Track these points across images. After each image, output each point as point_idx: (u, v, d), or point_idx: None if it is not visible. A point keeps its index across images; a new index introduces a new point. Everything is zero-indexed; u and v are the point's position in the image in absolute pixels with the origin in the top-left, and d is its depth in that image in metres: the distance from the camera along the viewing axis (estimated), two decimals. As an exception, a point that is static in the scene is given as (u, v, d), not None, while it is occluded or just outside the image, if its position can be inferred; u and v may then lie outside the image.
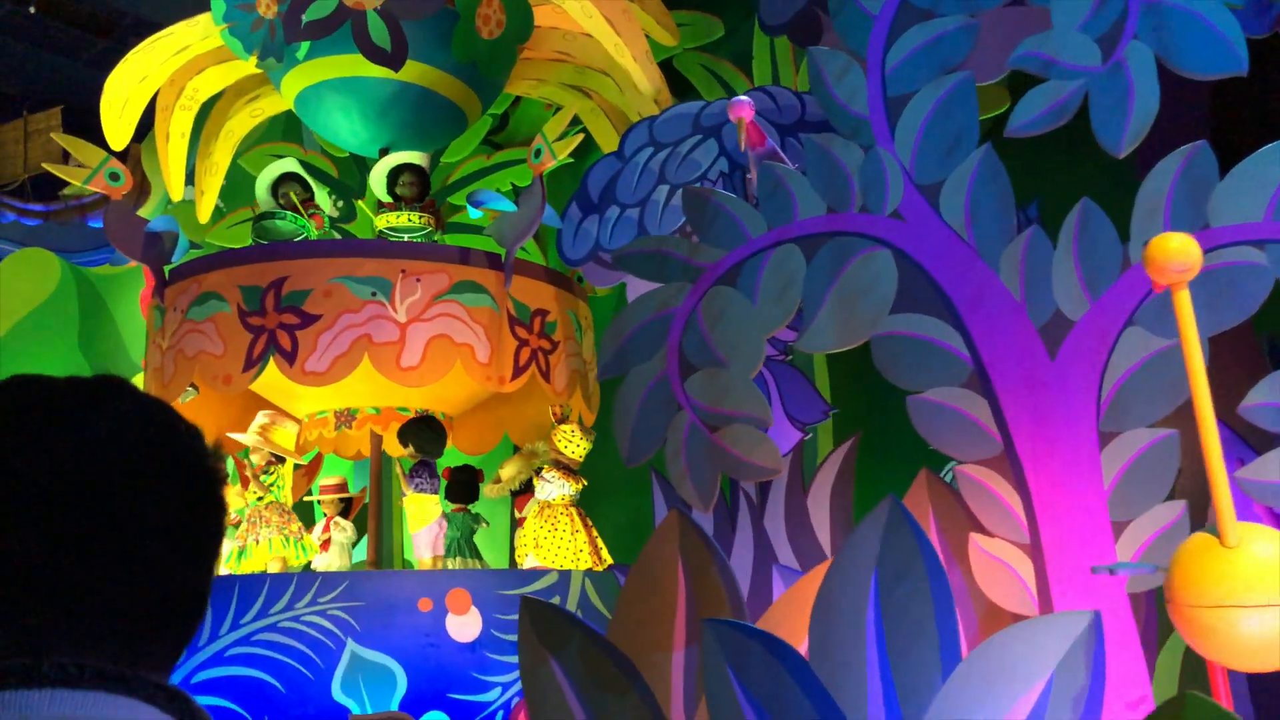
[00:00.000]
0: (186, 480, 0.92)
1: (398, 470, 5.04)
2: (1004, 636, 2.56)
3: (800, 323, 3.29)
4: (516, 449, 6.04)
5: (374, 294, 4.82)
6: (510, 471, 5.88)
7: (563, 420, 5.32)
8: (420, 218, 5.34)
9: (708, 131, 5.33)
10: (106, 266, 10.51)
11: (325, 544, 5.64)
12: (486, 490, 5.85)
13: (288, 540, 4.82)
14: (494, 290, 5.06)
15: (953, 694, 2.49)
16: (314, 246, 4.95)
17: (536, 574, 4.51)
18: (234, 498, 5.06)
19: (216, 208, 10.90)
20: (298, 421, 5.39)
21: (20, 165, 12.51)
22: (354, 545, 5.78)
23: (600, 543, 5.14)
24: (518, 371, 5.09)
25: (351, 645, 4.10)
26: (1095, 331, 2.94)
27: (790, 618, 3.04)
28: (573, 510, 5.17)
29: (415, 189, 5.55)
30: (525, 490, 5.78)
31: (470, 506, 5.55)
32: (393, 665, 4.10)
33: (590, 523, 5.19)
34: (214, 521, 0.94)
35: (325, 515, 5.77)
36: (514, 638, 4.31)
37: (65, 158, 13.09)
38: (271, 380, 5.05)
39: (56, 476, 0.84)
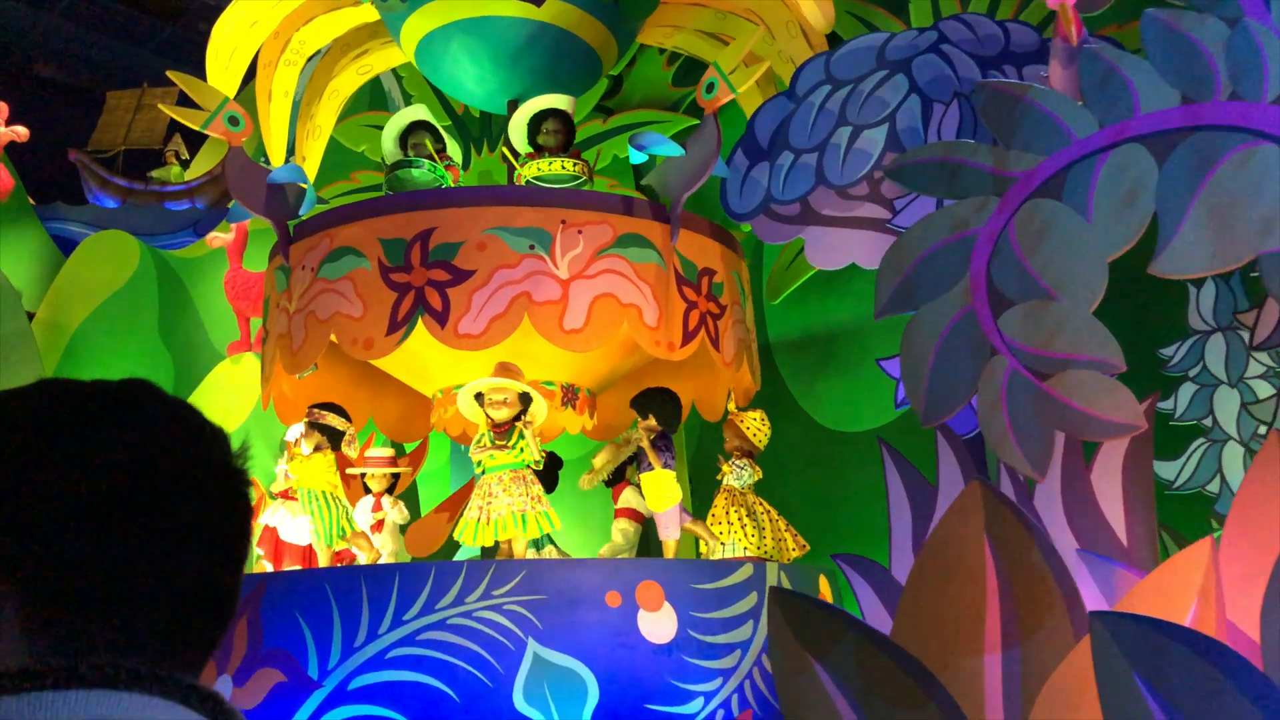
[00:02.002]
0: (214, 481, 0.93)
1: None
2: None
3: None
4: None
5: (532, 247, 4.25)
6: (603, 460, 5.29)
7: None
8: (574, 165, 4.75)
9: (894, 66, 4.69)
10: (187, 249, 10.07)
11: (378, 525, 5.12)
12: (581, 481, 5.30)
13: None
14: (660, 245, 4.47)
15: None
16: (463, 194, 4.39)
17: (730, 565, 3.90)
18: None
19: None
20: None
21: (121, 135, 12.13)
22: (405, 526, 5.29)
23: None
24: (687, 337, 4.49)
25: (533, 646, 3.51)
26: None
27: (1158, 612, 2.40)
28: (759, 499, 4.67)
29: (560, 137, 4.97)
30: (617, 480, 5.27)
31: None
32: (581, 670, 3.51)
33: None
34: (241, 521, 0.95)
35: (374, 492, 5.28)
36: (714, 639, 3.72)
37: (168, 138, 12.77)
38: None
39: (86, 481, 0.85)
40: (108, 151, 12.70)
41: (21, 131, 8.64)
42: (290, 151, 6.69)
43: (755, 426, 4.89)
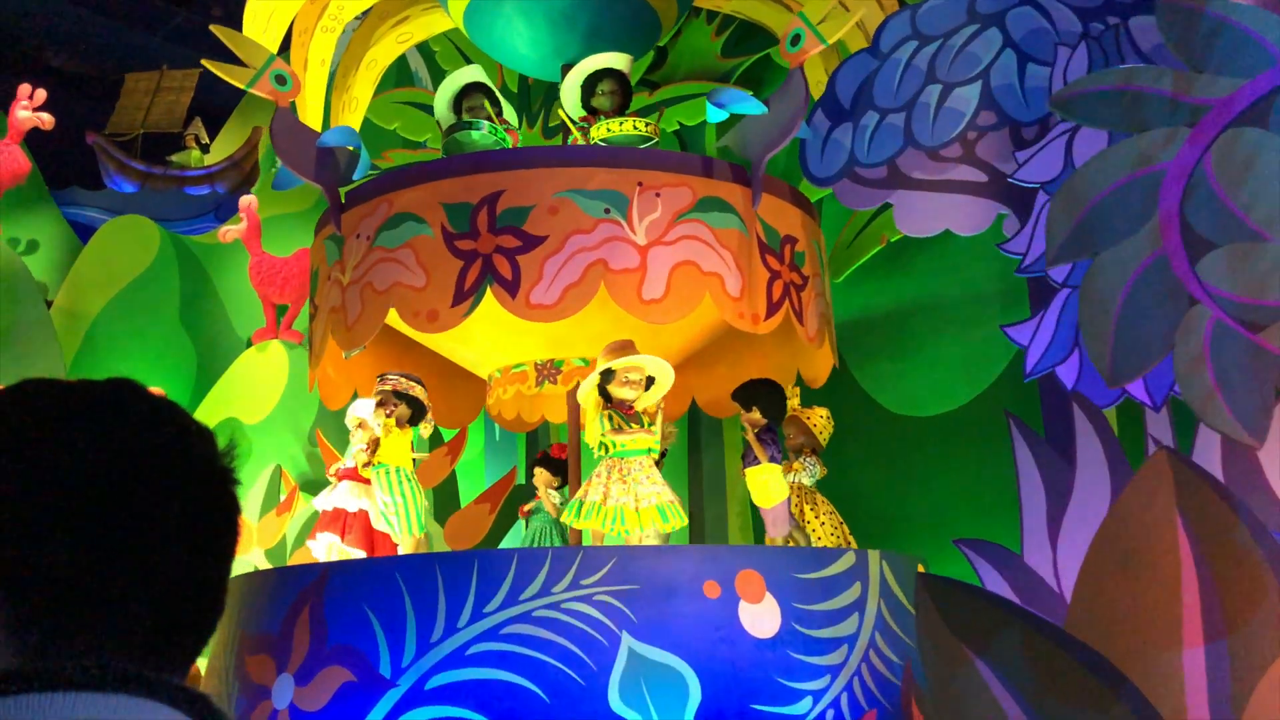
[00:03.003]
0: (200, 481, 0.92)
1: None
2: None
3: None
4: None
5: (607, 211, 3.93)
6: None
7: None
8: (645, 125, 4.44)
9: (987, 20, 4.37)
10: (209, 234, 9.76)
11: None
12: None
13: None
14: (741, 210, 4.15)
15: None
16: (532, 155, 4.07)
17: (831, 554, 3.59)
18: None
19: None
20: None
21: (140, 118, 11.81)
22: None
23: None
24: (771, 309, 4.18)
25: (628, 640, 3.19)
26: None
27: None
28: (821, 495, 4.61)
29: (617, 99, 4.66)
30: None
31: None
32: (681, 666, 3.19)
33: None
34: (228, 520, 0.95)
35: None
36: (820, 633, 3.41)
37: (187, 121, 12.46)
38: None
39: (69, 481, 0.84)
40: (126, 134, 12.39)
41: (47, 118, 8.34)
42: (325, 125, 6.39)
43: (822, 424, 4.74)
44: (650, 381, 3.97)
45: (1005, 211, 4.28)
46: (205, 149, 11.72)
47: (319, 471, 7.86)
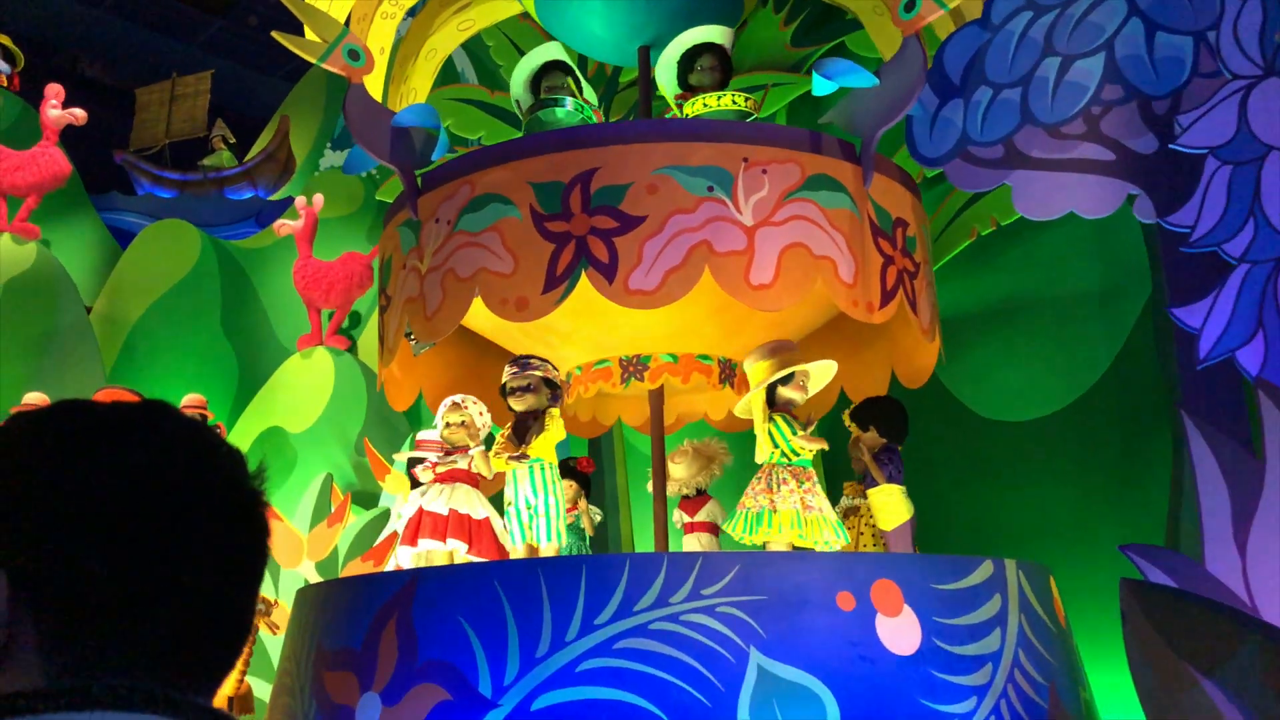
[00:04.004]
0: (229, 503, 0.92)
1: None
2: None
3: None
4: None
5: (711, 189, 3.63)
6: (686, 473, 4.64)
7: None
8: (745, 99, 4.13)
9: (1110, -14, 4.07)
10: (251, 239, 9.53)
11: None
12: (651, 487, 4.68)
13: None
14: (852, 189, 3.84)
15: None
16: (628, 129, 3.77)
17: (969, 562, 3.24)
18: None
19: (369, 175, 9.91)
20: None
21: (162, 130, 11.65)
22: None
23: None
24: (886, 297, 3.85)
25: (756, 657, 2.86)
26: None
27: None
28: None
29: (717, 74, 4.36)
30: (697, 494, 4.70)
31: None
32: (817, 686, 2.85)
33: None
34: (256, 542, 0.95)
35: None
36: (963, 650, 3.06)
37: (210, 124, 12.29)
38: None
39: (101, 502, 0.85)
40: (152, 148, 12.25)
41: (79, 114, 8.15)
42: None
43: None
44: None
45: (1136, 191, 3.95)
46: (234, 148, 11.54)
47: (367, 482, 7.58)
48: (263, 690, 5.83)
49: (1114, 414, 5.22)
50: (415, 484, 4.79)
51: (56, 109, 8.06)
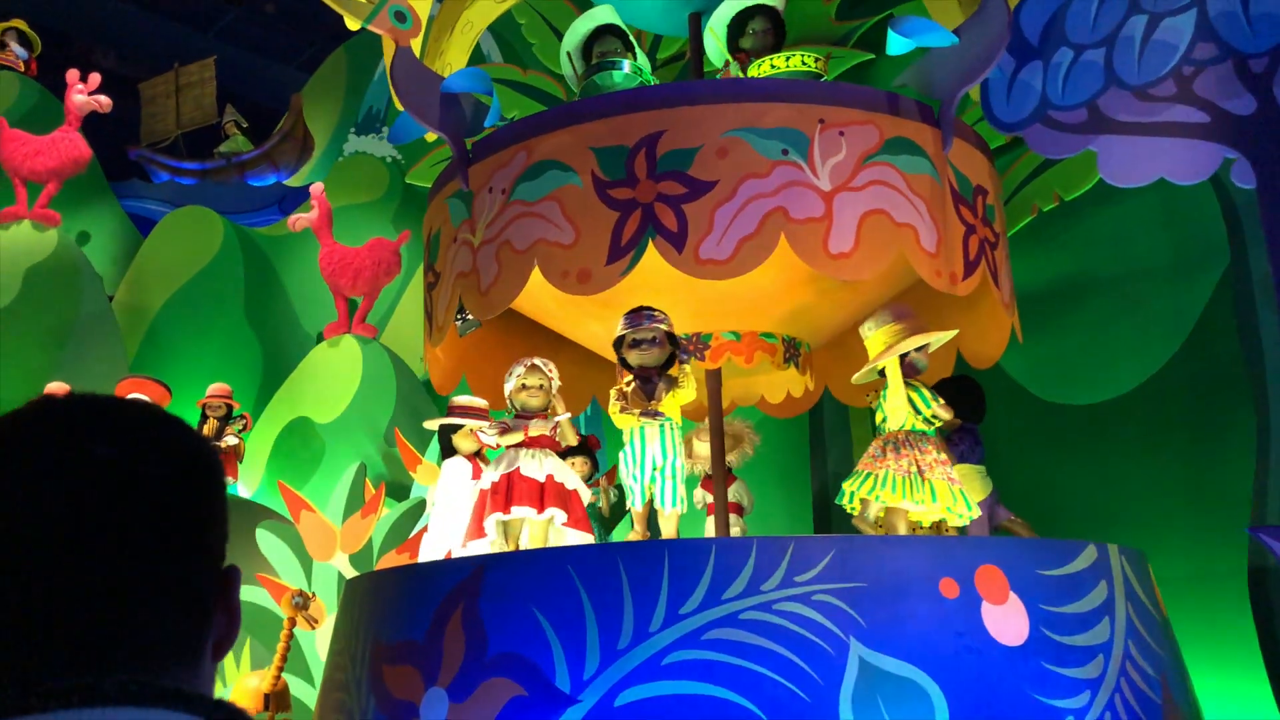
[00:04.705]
0: (206, 492, 0.92)
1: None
2: None
3: None
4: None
5: (785, 152, 3.41)
6: (709, 450, 4.41)
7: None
8: (814, 59, 3.92)
9: (1200, -60, 3.85)
10: (274, 227, 9.34)
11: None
12: (696, 468, 4.47)
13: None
14: (932, 154, 3.62)
15: None
16: (696, 89, 3.55)
17: (1072, 547, 3.02)
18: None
19: (393, 160, 9.71)
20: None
21: (172, 121, 11.46)
22: None
23: None
24: (969, 268, 3.64)
25: (857, 648, 2.65)
26: None
27: None
28: None
29: (770, 38, 4.16)
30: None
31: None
32: (923, 679, 2.64)
33: None
34: (216, 513, 0.95)
35: (465, 454, 4.52)
36: (1073, 640, 2.85)
37: (220, 111, 12.10)
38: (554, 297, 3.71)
39: (86, 498, 0.84)
40: (164, 140, 12.06)
41: (105, 101, 7.96)
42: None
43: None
44: None
45: (1233, 155, 3.73)
46: (247, 132, 11.34)
47: (397, 472, 7.38)
48: (298, 688, 5.64)
49: (1188, 394, 4.99)
50: (449, 452, 4.53)
51: (83, 94, 7.87)
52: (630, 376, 3.58)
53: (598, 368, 4.62)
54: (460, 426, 4.41)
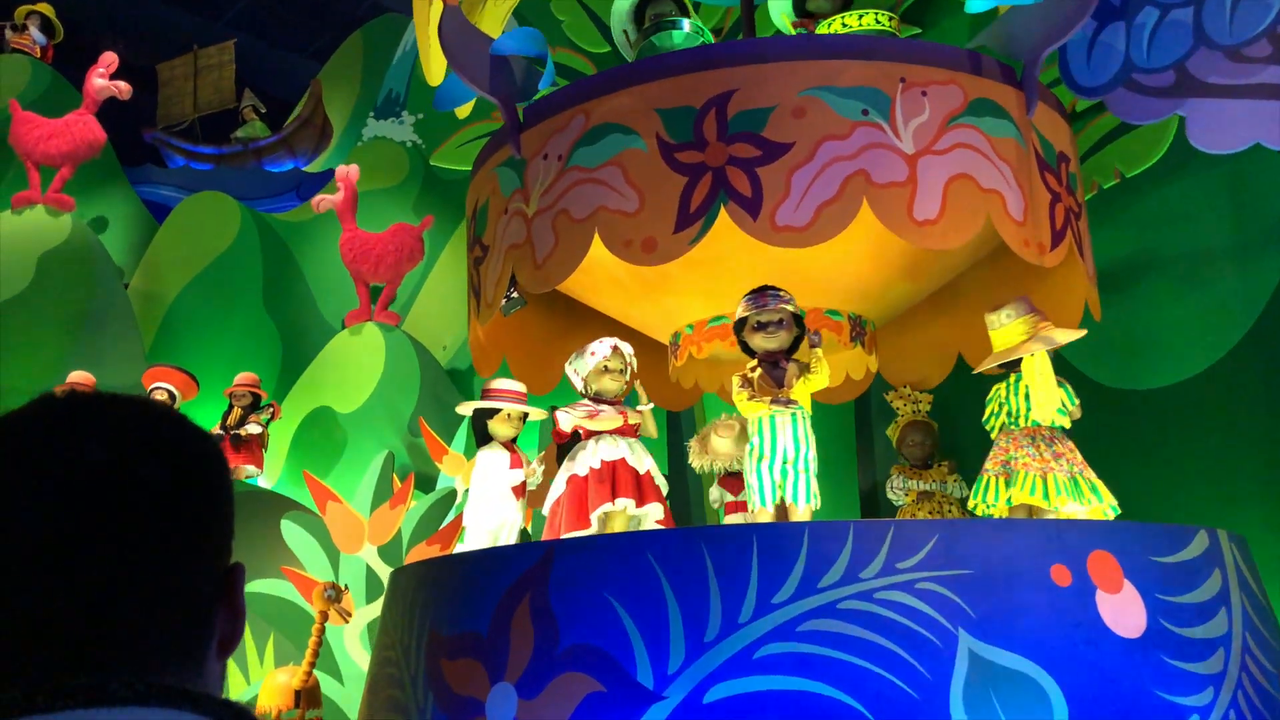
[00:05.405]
0: (206, 492, 0.91)
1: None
2: None
3: None
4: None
5: (865, 112, 3.20)
6: (733, 448, 4.18)
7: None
8: (889, 18, 3.70)
9: (1298, -110, 3.63)
10: (292, 213, 9.13)
11: (520, 488, 4.11)
12: (693, 459, 4.24)
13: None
14: (1016, 118, 3.40)
15: None
16: (769, 46, 3.33)
17: (1185, 532, 2.81)
18: None
19: (414, 144, 9.49)
20: None
21: (189, 104, 11.24)
22: None
23: None
24: (1056, 238, 3.43)
25: (967, 640, 2.44)
26: None
27: None
28: None
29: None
30: (735, 474, 4.25)
31: None
32: (1039, 675, 2.43)
33: None
34: (220, 517, 0.94)
35: (502, 441, 4.25)
36: (1191, 632, 2.63)
37: (239, 95, 11.89)
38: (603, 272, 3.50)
39: (78, 501, 0.83)
40: (180, 124, 11.84)
41: (123, 86, 7.76)
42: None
43: None
44: None
45: (1333, 118, 3.51)
46: (265, 118, 11.12)
47: (422, 463, 7.17)
48: (324, 685, 5.44)
49: (1260, 378, 4.76)
50: (484, 440, 4.26)
51: (103, 78, 7.66)
52: (755, 362, 3.32)
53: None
54: (497, 411, 4.18)
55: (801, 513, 3.20)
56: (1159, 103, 3.70)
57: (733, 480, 4.30)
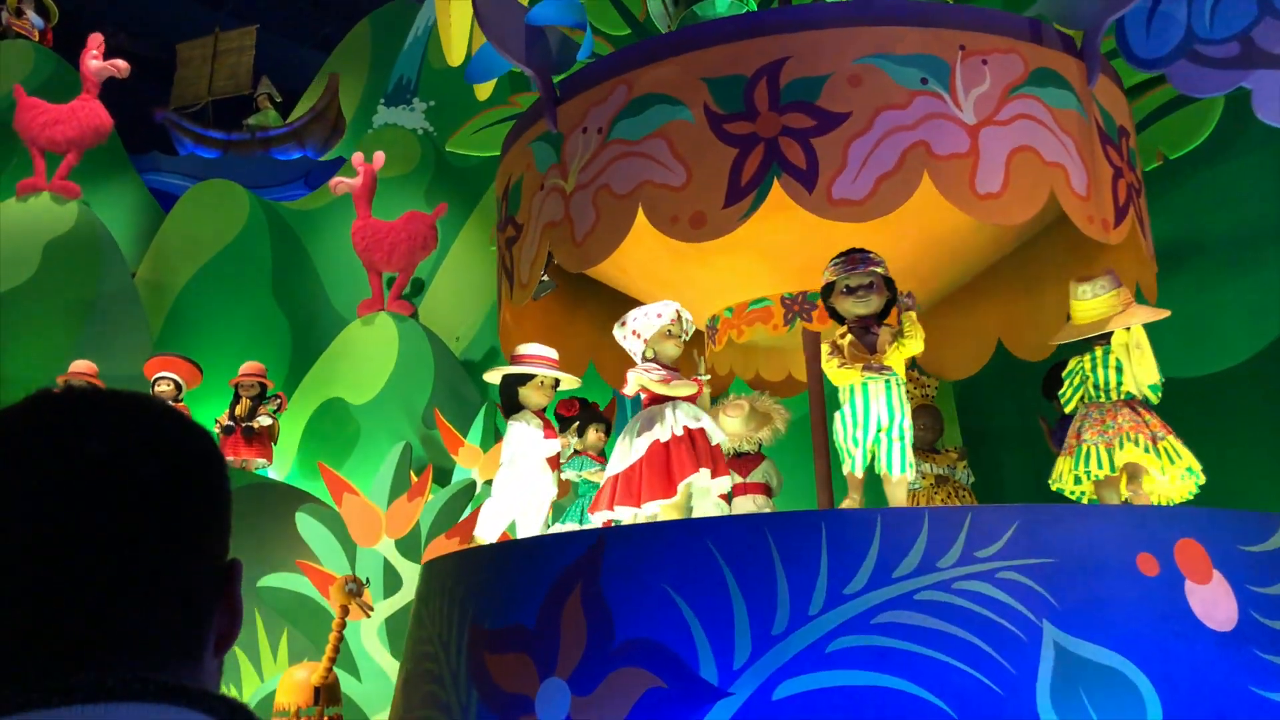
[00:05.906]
0: (203, 488, 0.91)
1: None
2: None
3: None
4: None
5: (925, 81, 3.06)
6: (743, 428, 4.02)
7: None
8: (942, -10, 3.55)
9: None
10: (302, 201, 8.97)
11: (554, 460, 3.90)
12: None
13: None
14: (1078, 89, 3.26)
15: None
16: (822, 11, 3.18)
17: (1271, 520, 2.67)
18: None
19: (425, 132, 9.33)
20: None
21: (204, 88, 11.06)
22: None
23: None
24: (1119, 214, 3.28)
25: (1052, 633, 2.30)
26: None
27: None
28: None
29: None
30: (744, 455, 4.14)
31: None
32: (1129, 669, 2.29)
33: None
34: (217, 511, 0.94)
35: (534, 409, 4.01)
36: (1283, 624, 2.49)
37: (255, 83, 11.70)
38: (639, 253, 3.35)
39: (75, 496, 0.83)
40: (193, 106, 11.66)
41: (121, 65, 7.60)
42: (470, 47, 5.57)
43: None
44: None
45: (1406, 90, 3.37)
46: (280, 107, 10.95)
47: (436, 455, 7.02)
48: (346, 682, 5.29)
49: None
50: (512, 409, 4.04)
51: (97, 60, 7.51)
52: (844, 329, 3.17)
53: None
54: (529, 378, 3.97)
55: (896, 481, 3.06)
56: (1223, 75, 3.55)
57: (742, 462, 4.16)
